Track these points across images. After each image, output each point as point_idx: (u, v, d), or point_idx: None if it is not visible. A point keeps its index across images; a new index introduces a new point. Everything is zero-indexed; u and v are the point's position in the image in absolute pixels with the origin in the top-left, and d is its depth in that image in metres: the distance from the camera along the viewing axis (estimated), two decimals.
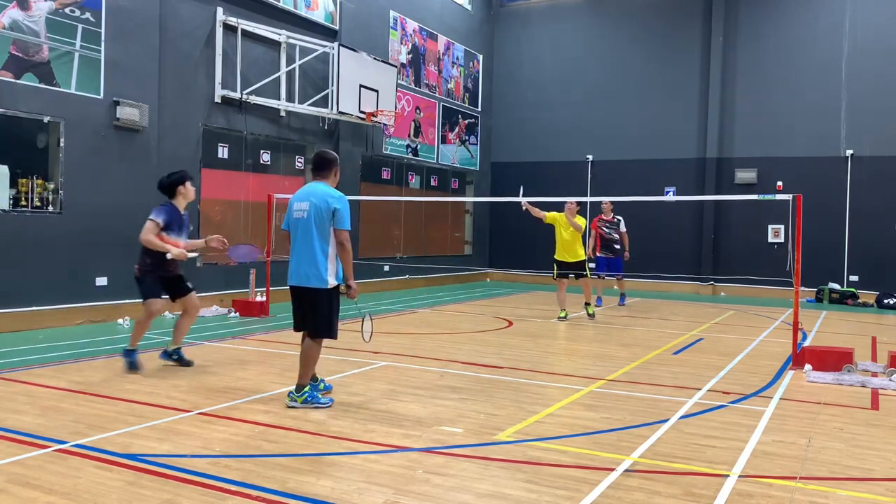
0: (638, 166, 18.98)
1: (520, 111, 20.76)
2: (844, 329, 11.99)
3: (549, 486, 4.21)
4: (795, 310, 8.44)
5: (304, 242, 5.80)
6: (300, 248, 5.84)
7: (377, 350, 8.50)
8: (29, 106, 9.67)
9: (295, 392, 5.88)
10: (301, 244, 5.83)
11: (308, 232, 5.78)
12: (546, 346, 9.50)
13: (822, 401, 6.52)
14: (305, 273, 5.79)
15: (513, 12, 21.11)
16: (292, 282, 5.91)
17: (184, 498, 3.92)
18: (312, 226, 5.76)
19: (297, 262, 5.84)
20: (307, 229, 5.78)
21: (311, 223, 5.76)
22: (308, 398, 5.84)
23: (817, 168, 17.14)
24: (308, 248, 5.77)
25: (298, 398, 5.83)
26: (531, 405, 6.12)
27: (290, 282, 5.92)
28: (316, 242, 5.75)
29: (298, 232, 5.86)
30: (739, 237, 18.02)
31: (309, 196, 5.85)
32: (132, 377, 6.90)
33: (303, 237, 5.81)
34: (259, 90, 13.08)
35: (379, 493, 4.05)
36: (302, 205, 5.85)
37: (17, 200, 9.76)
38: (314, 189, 5.89)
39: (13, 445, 4.74)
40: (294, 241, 5.91)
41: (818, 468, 4.65)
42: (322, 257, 5.76)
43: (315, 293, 5.80)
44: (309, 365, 5.91)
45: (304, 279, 5.81)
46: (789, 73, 17.60)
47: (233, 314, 11.60)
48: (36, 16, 9.67)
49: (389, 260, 17.15)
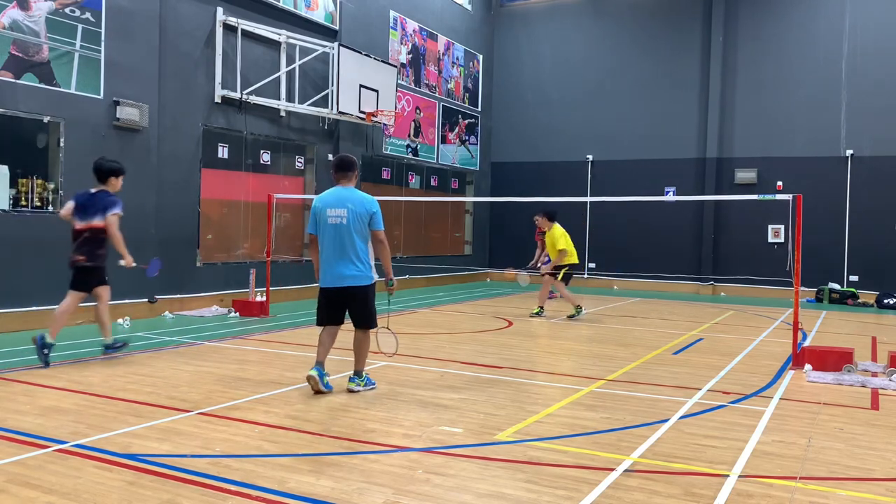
0: (638, 166, 18.98)
1: (520, 111, 20.76)
2: (844, 329, 11.99)
3: (549, 486, 4.21)
4: (795, 310, 8.44)
5: (344, 245, 6.25)
6: (338, 252, 6.27)
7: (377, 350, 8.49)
8: (29, 106, 9.67)
9: (357, 378, 6.51)
10: (339, 247, 6.26)
11: (348, 236, 6.24)
12: (546, 346, 9.50)
13: (822, 401, 6.52)
14: (351, 274, 6.28)
15: (513, 12, 21.11)
16: (333, 284, 6.34)
17: (184, 498, 3.92)
18: (352, 230, 6.24)
19: (336, 264, 6.29)
20: (347, 233, 6.24)
21: (351, 228, 6.24)
22: (367, 381, 6.54)
23: (817, 168, 17.14)
24: (349, 251, 6.26)
25: (361, 382, 6.49)
26: (531, 405, 6.12)
27: (331, 284, 6.36)
28: (358, 244, 6.27)
29: (335, 236, 6.26)
30: (739, 237, 18.02)
31: (345, 202, 6.28)
32: (132, 377, 6.89)
33: (341, 241, 6.25)
34: (259, 90, 13.08)
35: (379, 493, 4.05)
36: (338, 211, 6.25)
37: (17, 200, 9.76)
38: (348, 195, 6.34)
39: (13, 445, 4.74)
40: (329, 245, 6.30)
41: (818, 468, 4.65)
42: (365, 257, 6.32)
43: (364, 290, 6.35)
44: (365, 352, 6.57)
45: (349, 280, 6.29)
46: (789, 74, 17.60)
47: (233, 314, 11.60)
48: (36, 16, 9.67)
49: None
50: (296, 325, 10.58)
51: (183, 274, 11.88)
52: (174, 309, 11.61)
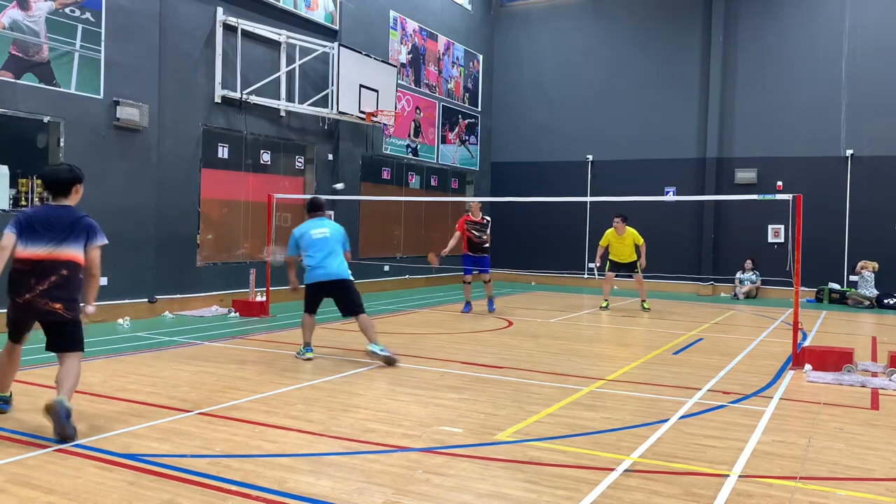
0: (638, 166, 18.97)
1: (520, 111, 20.75)
2: (844, 329, 11.99)
3: (549, 486, 4.21)
4: (795, 310, 8.44)
5: (332, 251, 8.05)
6: (330, 254, 8.02)
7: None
8: (29, 106, 9.67)
9: (376, 345, 7.77)
10: (329, 252, 8.03)
11: (335, 244, 8.11)
12: (546, 346, 9.50)
13: (822, 401, 6.52)
14: (342, 270, 8.05)
15: (513, 12, 21.11)
16: (328, 278, 7.94)
17: (184, 498, 3.92)
18: (336, 242, 8.14)
19: (331, 263, 7.99)
20: (334, 243, 8.10)
21: (335, 240, 8.13)
22: (382, 347, 7.78)
23: (817, 168, 17.13)
24: (336, 254, 8.08)
25: (379, 349, 7.74)
26: (531, 405, 6.12)
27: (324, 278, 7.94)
28: (339, 252, 8.15)
29: (324, 245, 8.04)
30: (739, 237, 18.01)
31: (324, 224, 8.25)
32: (132, 377, 6.89)
33: (330, 248, 8.05)
34: (259, 90, 13.08)
35: (379, 493, 4.05)
36: (322, 230, 8.13)
37: (17, 200, 9.76)
38: (324, 221, 8.30)
39: (13, 445, 4.74)
40: (319, 252, 8.01)
41: (818, 468, 4.65)
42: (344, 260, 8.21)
43: (351, 281, 8.12)
44: (371, 328, 7.95)
45: (344, 273, 8.05)
46: (789, 73, 17.60)
47: (233, 314, 11.60)
48: (36, 16, 9.67)
49: (389, 260, 17.15)
50: (296, 326, 10.56)
51: (183, 274, 11.88)
52: (174, 309, 11.61)
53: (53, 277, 5.04)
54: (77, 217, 5.21)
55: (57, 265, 5.06)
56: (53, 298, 5.04)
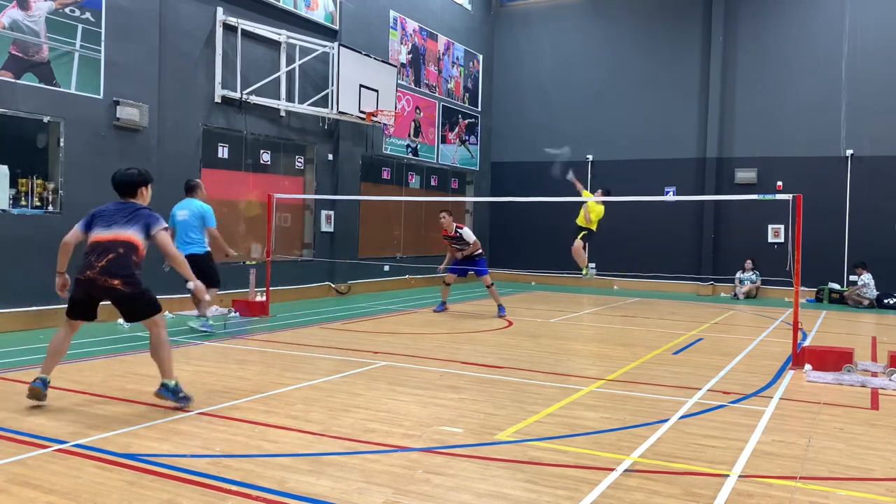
0: (638, 166, 18.97)
1: (520, 111, 20.75)
2: (844, 329, 11.99)
3: (549, 486, 4.21)
4: (795, 310, 8.44)
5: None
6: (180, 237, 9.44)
7: (377, 350, 8.50)
8: (29, 106, 9.67)
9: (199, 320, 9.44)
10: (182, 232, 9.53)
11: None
12: (546, 346, 9.50)
13: (822, 401, 6.52)
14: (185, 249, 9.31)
15: (513, 12, 21.11)
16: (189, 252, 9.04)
17: (184, 498, 3.92)
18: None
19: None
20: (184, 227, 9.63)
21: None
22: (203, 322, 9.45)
23: (817, 168, 17.13)
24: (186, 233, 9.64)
25: (199, 324, 9.46)
26: (531, 405, 6.12)
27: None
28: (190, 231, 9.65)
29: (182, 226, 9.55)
30: (739, 237, 18.01)
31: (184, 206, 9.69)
32: (132, 377, 6.89)
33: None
34: (259, 90, 13.08)
35: (379, 493, 4.05)
36: (182, 212, 9.59)
37: (17, 200, 9.76)
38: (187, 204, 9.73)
39: (13, 445, 4.74)
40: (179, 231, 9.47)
41: (818, 468, 4.65)
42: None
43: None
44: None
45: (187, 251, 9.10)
46: (789, 73, 17.60)
47: (233, 314, 11.59)
48: (36, 16, 9.67)
49: (389, 260, 17.15)
50: (296, 325, 10.57)
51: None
52: (174, 309, 11.60)
53: (111, 255, 5.57)
54: (137, 207, 5.86)
55: (115, 244, 5.61)
56: (112, 275, 5.54)
